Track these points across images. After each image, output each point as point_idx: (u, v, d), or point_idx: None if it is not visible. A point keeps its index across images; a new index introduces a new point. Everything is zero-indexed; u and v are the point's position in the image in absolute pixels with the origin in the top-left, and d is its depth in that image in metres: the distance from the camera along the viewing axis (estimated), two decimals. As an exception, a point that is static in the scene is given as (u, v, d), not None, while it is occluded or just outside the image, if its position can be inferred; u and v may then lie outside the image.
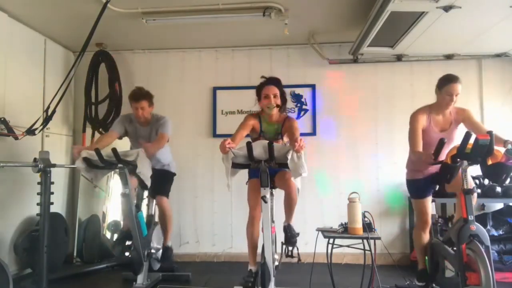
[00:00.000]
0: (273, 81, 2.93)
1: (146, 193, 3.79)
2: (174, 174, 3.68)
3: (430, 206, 2.96)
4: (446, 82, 2.73)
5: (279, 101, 2.89)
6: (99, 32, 3.49)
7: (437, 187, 2.94)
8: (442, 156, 2.56)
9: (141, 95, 3.35)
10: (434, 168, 2.76)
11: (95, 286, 3.50)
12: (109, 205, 4.40)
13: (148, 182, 3.10)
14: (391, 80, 4.34)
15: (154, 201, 3.54)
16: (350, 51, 4.03)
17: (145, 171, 3.02)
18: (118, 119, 3.56)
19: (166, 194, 3.56)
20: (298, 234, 2.84)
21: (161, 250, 3.54)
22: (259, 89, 2.94)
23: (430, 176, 2.87)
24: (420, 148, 2.76)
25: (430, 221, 2.96)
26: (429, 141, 2.78)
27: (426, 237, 2.97)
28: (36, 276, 3.01)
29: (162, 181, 3.55)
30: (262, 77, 2.98)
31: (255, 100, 2.99)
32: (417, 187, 2.96)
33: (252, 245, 2.89)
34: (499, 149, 2.39)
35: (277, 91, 2.88)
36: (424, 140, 2.80)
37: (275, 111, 2.88)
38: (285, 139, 2.98)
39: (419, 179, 2.93)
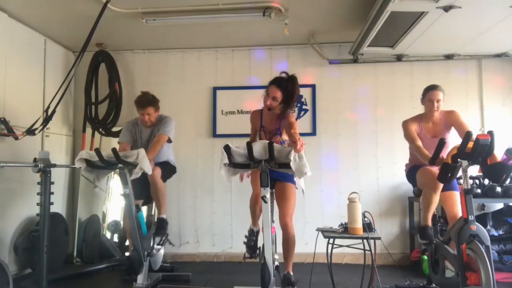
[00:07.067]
0: (280, 81, 2.85)
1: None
2: (174, 168, 3.64)
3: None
4: (428, 90, 3.02)
5: (275, 105, 2.84)
6: (99, 32, 3.49)
7: None
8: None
9: (146, 101, 3.35)
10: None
11: (95, 286, 3.49)
12: (109, 205, 4.40)
13: (150, 171, 3.03)
14: (391, 80, 4.34)
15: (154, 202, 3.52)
16: (350, 51, 4.03)
17: (146, 169, 3.01)
18: (123, 128, 3.53)
19: (163, 172, 3.36)
20: (297, 281, 2.73)
21: (162, 250, 3.52)
22: (269, 83, 2.89)
23: None
24: (420, 143, 2.89)
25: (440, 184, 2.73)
26: (424, 147, 2.85)
27: (436, 197, 2.80)
28: (36, 276, 3.01)
29: (161, 165, 3.44)
30: (282, 72, 2.90)
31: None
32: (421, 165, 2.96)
33: (255, 214, 2.93)
34: None
35: (278, 94, 2.81)
36: None
37: (266, 111, 2.87)
38: (284, 136, 2.98)
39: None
